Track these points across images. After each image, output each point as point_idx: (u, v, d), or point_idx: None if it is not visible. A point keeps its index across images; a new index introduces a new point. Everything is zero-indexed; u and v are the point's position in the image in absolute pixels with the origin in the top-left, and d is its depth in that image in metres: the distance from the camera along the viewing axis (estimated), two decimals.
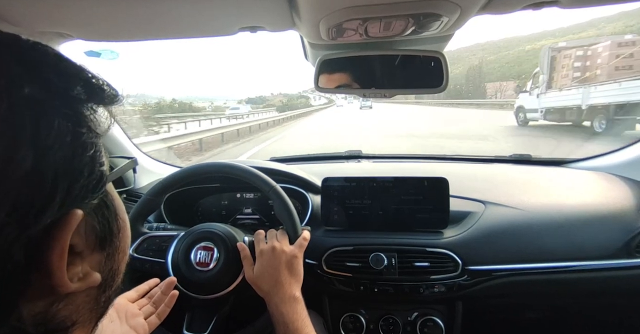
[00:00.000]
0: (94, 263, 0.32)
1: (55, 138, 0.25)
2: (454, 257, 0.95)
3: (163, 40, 0.86)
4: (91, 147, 0.28)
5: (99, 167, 0.29)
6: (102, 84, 0.30)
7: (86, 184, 0.28)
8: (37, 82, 0.25)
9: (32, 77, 0.25)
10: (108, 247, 0.33)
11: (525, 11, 0.67)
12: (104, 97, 0.31)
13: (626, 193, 1.10)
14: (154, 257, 0.86)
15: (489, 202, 1.09)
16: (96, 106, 0.30)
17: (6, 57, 0.25)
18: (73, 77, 0.28)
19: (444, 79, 0.82)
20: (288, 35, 0.80)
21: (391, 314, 1.02)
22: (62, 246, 0.27)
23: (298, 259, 0.80)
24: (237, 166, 0.91)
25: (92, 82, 0.29)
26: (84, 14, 0.69)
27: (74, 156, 0.27)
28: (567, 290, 0.99)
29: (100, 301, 0.34)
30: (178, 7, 0.66)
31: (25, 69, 0.25)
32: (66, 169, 0.26)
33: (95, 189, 0.29)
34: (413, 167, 1.50)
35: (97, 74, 0.30)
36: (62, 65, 0.28)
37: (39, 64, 0.27)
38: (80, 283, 0.29)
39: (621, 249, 0.95)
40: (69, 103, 0.27)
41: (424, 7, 0.59)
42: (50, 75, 0.27)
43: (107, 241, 0.33)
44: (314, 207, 1.11)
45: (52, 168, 0.25)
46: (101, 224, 0.32)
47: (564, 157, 1.45)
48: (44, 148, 0.24)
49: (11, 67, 0.25)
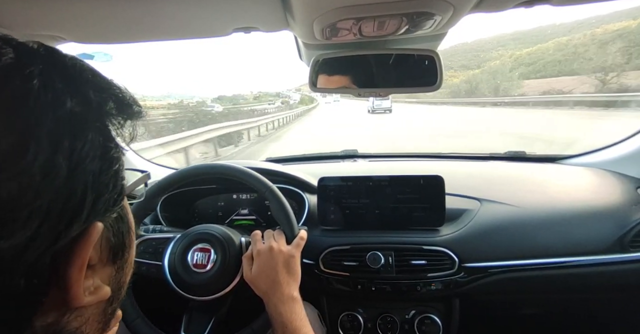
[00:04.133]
0: (105, 276, 0.32)
1: (88, 151, 0.25)
2: (450, 254, 0.96)
3: (157, 41, 0.85)
4: (117, 161, 0.29)
5: (120, 182, 0.30)
6: (129, 99, 0.31)
7: (109, 198, 0.28)
8: (77, 96, 0.26)
9: (73, 92, 0.26)
10: (119, 261, 0.34)
11: (517, 9, 0.67)
12: (132, 113, 0.31)
13: (619, 188, 1.12)
14: (150, 259, 0.86)
15: (484, 200, 1.09)
16: (123, 121, 0.30)
17: (50, 71, 0.25)
18: (106, 92, 0.29)
19: (438, 77, 0.82)
20: (270, 35, 0.81)
21: (389, 313, 1.02)
22: (82, 260, 0.27)
23: (295, 259, 0.80)
24: (232, 167, 0.91)
25: (122, 97, 0.30)
26: (77, 16, 0.68)
27: (102, 170, 0.27)
28: (563, 285, 1.00)
29: (107, 313, 0.34)
30: (171, 9, 0.65)
31: (67, 84, 0.25)
32: (94, 183, 0.26)
33: (116, 202, 0.30)
34: (409, 166, 1.50)
35: (124, 88, 0.31)
36: (97, 80, 0.29)
37: (77, 78, 0.27)
38: (91, 297, 0.29)
39: (615, 244, 0.96)
40: (102, 118, 0.28)
41: (417, 6, 0.60)
42: (88, 90, 0.27)
43: (119, 255, 0.33)
44: (310, 207, 1.11)
45: (83, 181, 0.25)
46: (116, 237, 0.32)
47: (557, 153, 1.47)
48: (77, 161, 0.24)
49: (56, 81, 0.25)
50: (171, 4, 0.63)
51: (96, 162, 0.26)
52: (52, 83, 0.25)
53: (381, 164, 1.52)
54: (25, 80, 0.23)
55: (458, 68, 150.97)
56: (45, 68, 0.25)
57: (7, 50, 0.24)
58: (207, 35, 0.81)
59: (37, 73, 0.24)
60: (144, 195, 0.82)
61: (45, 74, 0.24)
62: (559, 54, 75.47)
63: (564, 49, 76.89)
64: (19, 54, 0.25)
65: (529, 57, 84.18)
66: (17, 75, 0.23)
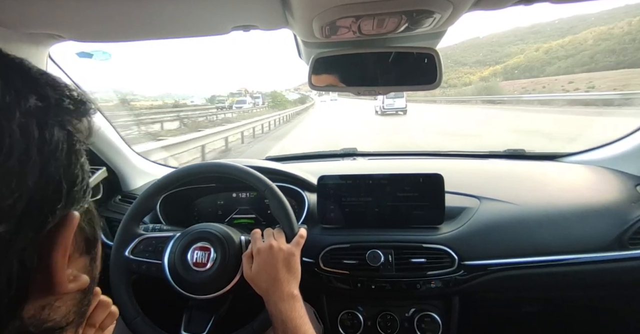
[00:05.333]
0: (80, 267, 0.34)
1: (56, 143, 0.27)
2: (450, 252, 0.96)
3: (156, 40, 0.85)
4: (81, 155, 0.31)
5: (87, 175, 0.32)
6: (83, 97, 0.32)
7: (79, 189, 0.30)
8: (37, 93, 0.27)
9: (33, 90, 0.27)
10: (92, 252, 0.36)
11: (517, 7, 0.67)
12: (87, 109, 0.33)
13: (618, 186, 1.12)
14: (150, 258, 0.86)
15: (484, 198, 1.10)
16: (80, 116, 0.32)
17: (8, 71, 0.27)
18: (62, 90, 0.31)
19: (438, 75, 0.82)
20: (269, 34, 0.81)
21: (388, 311, 1.02)
22: (65, 246, 0.29)
23: (295, 257, 0.80)
24: (232, 165, 0.90)
25: (76, 95, 0.32)
26: (76, 14, 0.68)
27: (71, 162, 0.29)
28: (562, 283, 1.00)
29: (83, 305, 0.36)
30: (171, 7, 0.65)
31: (25, 82, 0.27)
32: (66, 173, 0.28)
33: (85, 193, 0.32)
34: (408, 164, 1.50)
35: (77, 88, 0.32)
36: (51, 79, 0.30)
37: (34, 78, 0.29)
38: (73, 284, 0.31)
39: (614, 241, 0.96)
40: (62, 114, 0.29)
41: (416, 4, 0.59)
42: (46, 88, 0.29)
43: (93, 245, 0.36)
44: (310, 206, 1.11)
45: (56, 171, 0.27)
46: (89, 228, 0.35)
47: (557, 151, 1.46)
48: (48, 154, 0.27)
49: (15, 80, 0.27)
50: (170, 2, 0.63)
51: (64, 154, 0.28)
52: (12, 82, 0.26)
53: (381, 163, 1.52)
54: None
55: (473, 64, 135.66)
56: (3, 69, 0.27)
57: None
58: (206, 33, 0.81)
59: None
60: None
61: (4, 74, 0.26)
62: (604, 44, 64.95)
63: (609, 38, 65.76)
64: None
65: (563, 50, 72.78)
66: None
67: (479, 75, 69.62)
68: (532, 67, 62.57)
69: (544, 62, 67.69)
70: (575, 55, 68.11)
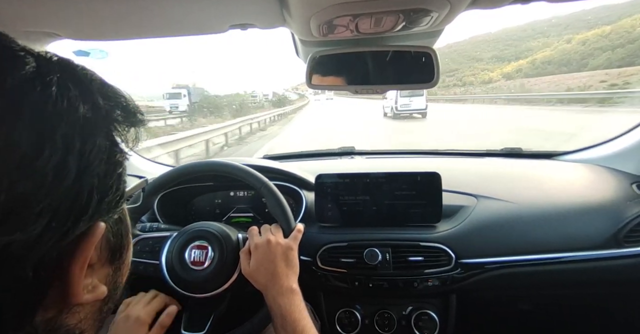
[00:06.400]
0: (102, 276, 0.34)
1: (96, 155, 0.27)
2: (447, 251, 0.97)
3: (153, 38, 0.85)
4: (120, 165, 0.31)
5: (123, 185, 0.32)
6: (134, 108, 0.33)
7: (112, 199, 0.30)
8: (88, 103, 0.28)
9: (85, 99, 0.28)
10: (117, 261, 0.36)
11: (513, 5, 0.67)
12: (136, 120, 0.33)
13: (614, 184, 1.12)
14: (147, 259, 0.86)
15: (481, 196, 1.10)
16: (128, 127, 0.32)
17: (66, 79, 0.27)
18: (114, 100, 0.31)
19: (435, 74, 0.82)
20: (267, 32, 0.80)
21: (386, 309, 1.03)
22: (85, 257, 0.29)
23: (294, 251, 0.80)
24: (228, 164, 0.90)
25: (127, 106, 0.32)
26: (72, 12, 0.67)
27: (107, 173, 0.29)
28: (558, 281, 1.01)
29: (103, 312, 0.35)
30: (168, 5, 0.65)
31: (79, 91, 0.27)
32: (100, 184, 0.28)
33: (118, 204, 0.32)
34: (406, 162, 1.51)
35: (130, 98, 0.33)
36: (106, 89, 0.31)
37: (89, 87, 0.29)
38: (89, 295, 0.31)
39: (610, 239, 0.96)
40: (109, 124, 0.30)
41: (414, 2, 0.60)
42: (98, 98, 0.29)
43: (117, 255, 0.35)
44: (308, 205, 1.11)
45: (90, 182, 0.27)
46: (115, 238, 0.34)
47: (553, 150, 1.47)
48: (86, 163, 0.26)
49: (70, 89, 0.27)
50: (167, 0, 0.63)
51: (102, 165, 0.28)
52: (68, 91, 0.26)
53: (378, 161, 1.53)
54: (45, 87, 0.25)
55: (489, 60, 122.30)
56: (62, 77, 0.27)
57: (29, 60, 0.26)
58: (203, 31, 0.81)
59: (55, 81, 0.26)
60: (141, 199, 0.84)
61: (61, 83, 0.26)
62: None
63: None
64: (39, 63, 0.26)
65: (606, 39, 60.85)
66: (38, 83, 0.25)
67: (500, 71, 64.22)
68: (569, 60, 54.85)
69: (584, 54, 58.42)
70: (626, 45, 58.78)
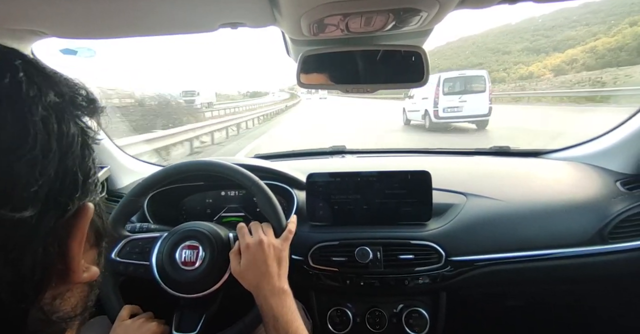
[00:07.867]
0: (90, 259, 0.35)
1: (72, 138, 0.29)
2: (437, 248, 0.97)
3: (141, 37, 0.84)
4: (92, 150, 0.33)
5: (97, 169, 0.34)
6: (94, 96, 0.34)
7: (92, 181, 0.32)
8: (55, 89, 0.29)
9: (50, 85, 0.29)
10: (100, 246, 0.37)
11: (501, 6, 0.68)
12: (96, 107, 0.34)
13: (599, 182, 1.15)
14: (137, 260, 0.85)
15: (470, 194, 1.11)
16: (91, 114, 0.34)
17: (29, 67, 0.28)
18: (75, 88, 0.32)
19: (425, 74, 0.83)
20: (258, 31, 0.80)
21: (377, 307, 1.03)
22: (82, 234, 0.31)
23: (285, 251, 0.80)
24: (218, 163, 0.90)
25: (87, 93, 0.33)
26: (59, 10, 0.66)
27: (84, 156, 0.31)
28: (547, 277, 1.02)
29: (89, 300, 0.36)
30: (157, 3, 0.64)
31: (43, 79, 0.29)
32: (81, 166, 0.30)
33: (96, 186, 0.34)
34: (396, 161, 1.51)
35: (88, 87, 0.34)
36: (65, 78, 0.32)
37: (50, 75, 0.30)
38: (86, 274, 0.33)
39: (596, 236, 0.98)
40: (76, 110, 0.31)
41: (403, 2, 0.60)
42: (61, 85, 0.30)
43: (102, 238, 0.37)
44: (299, 204, 1.11)
45: (73, 163, 0.29)
46: (99, 220, 0.36)
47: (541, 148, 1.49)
48: (66, 147, 0.28)
49: (35, 76, 0.28)
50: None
51: (80, 147, 0.30)
52: (33, 77, 0.28)
53: (369, 160, 1.53)
54: (14, 73, 0.26)
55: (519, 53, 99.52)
56: (24, 64, 0.28)
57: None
58: (193, 30, 0.80)
59: (21, 68, 0.27)
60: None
61: (26, 69, 0.27)
62: None
63: None
64: (1, 52, 0.28)
65: None
66: (6, 69, 0.26)
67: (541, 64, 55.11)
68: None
69: None
70: None
